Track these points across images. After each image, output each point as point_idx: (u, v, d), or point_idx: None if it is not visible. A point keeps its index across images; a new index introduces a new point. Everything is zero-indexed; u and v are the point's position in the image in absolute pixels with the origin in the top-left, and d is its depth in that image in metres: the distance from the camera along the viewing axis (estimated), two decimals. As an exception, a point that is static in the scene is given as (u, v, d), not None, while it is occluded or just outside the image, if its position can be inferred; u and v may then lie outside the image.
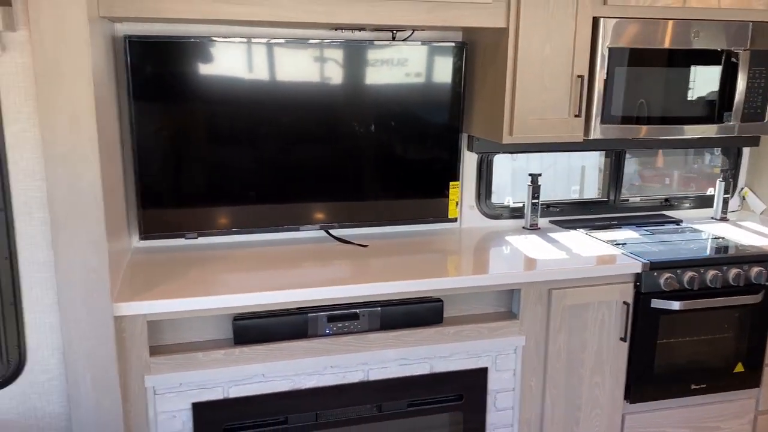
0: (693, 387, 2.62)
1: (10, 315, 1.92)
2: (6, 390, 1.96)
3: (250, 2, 2.11)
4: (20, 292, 1.92)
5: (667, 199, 3.21)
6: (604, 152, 3.11)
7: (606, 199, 3.13)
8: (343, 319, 2.22)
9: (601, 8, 2.43)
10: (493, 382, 2.42)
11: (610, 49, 2.45)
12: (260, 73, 2.43)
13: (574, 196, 3.22)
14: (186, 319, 2.16)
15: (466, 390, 2.40)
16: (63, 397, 2.01)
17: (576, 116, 2.48)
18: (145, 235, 2.45)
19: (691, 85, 2.58)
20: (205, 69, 2.38)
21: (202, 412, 2.14)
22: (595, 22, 2.43)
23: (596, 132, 2.52)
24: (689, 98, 2.58)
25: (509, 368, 2.43)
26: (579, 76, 2.45)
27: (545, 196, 2.99)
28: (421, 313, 2.31)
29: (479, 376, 2.40)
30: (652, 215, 3.14)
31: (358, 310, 2.23)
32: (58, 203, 1.83)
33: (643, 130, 2.55)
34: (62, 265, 1.86)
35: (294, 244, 2.64)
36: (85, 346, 1.92)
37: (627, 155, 3.10)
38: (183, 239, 2.54)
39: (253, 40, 2.40)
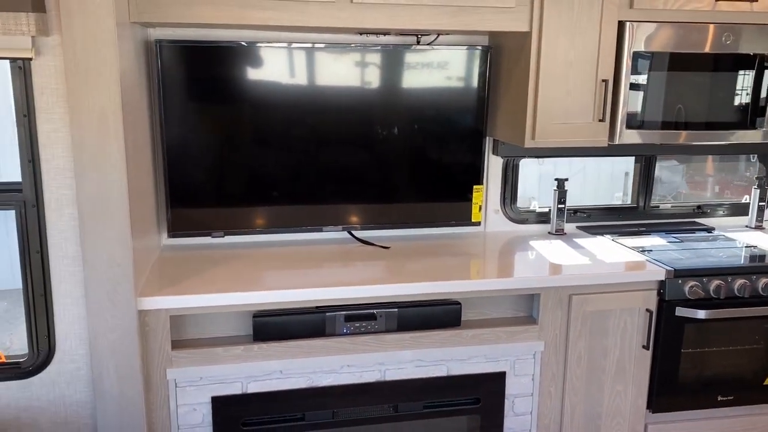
0: (720, 398, 2.56)
1: (40, 306, 2.01)
2: (36, 378, 2.06)
3: (274, 8, 2.17)
4: (50, 284, 2.01)
5: (699, 206, 3.14)
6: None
7: (636, 206, 3.08)
8: (361, 319, 2.25)
9: (627, 12, 2.40)
10: (511, 387, 2.42)
11: (636, 54, 2.42)
12: (287, 76, 2.49)
13: (617, 202, 3.18)
14: (208, 315, 2.22)
15: (484, 393, 2.40)
16: (89, 385, 2.10)
17: (600, 121, 2.46)
18: (173, 232, 2.54)
19: (721, 90, 2.52)
20: (232, 72, 2.45)
21: (221, 406, 2.20)
22: (621, 26, 2.41)
23: (622, 137, 2.49)
24: (720, 103, 2.53)
25: (528, 373, 2.42)
26: (603, 81, 2.43)
27: (575, 201, 2.97)
28: (438, 316, 2.32)
29: (497, 380, 2.40)
30: (684, 222, 3.08)
31: (375, 311, 2.26)
32: (86, 200, 1.91)
33: (671, 136, 2.51)
34: (89, 259, 1.94)
35: (317, 244, 2.69)
36: (110, 338, 2.00)
37: (675, 162, 3.04)
38: (210, 237, 2.61)
39: (277, 44, 2.46)
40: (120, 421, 2.06)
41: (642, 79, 2.45)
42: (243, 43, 2.43)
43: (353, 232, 2.75)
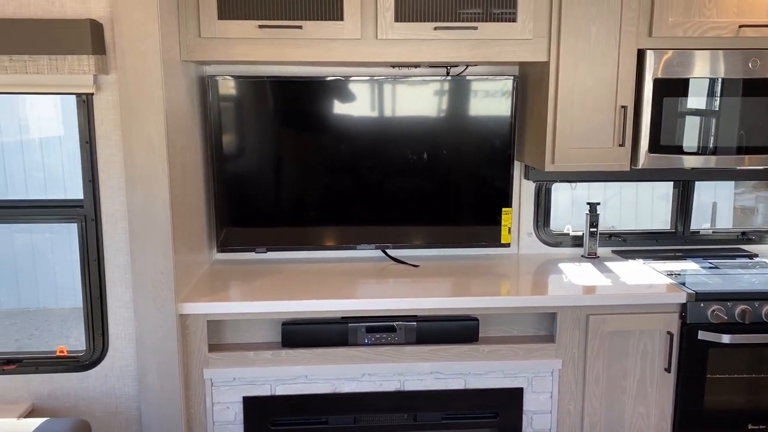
0: (751, 427, 2.52)
1: (96, 308, 2.31)
2: (92, 371, 2.35)
3: (306, 45, 2.41)
4: (105, 289, 2.30)
5: (744, 233, 3.09)
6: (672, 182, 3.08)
7: (674, 231, 3.08)
8: (381, 330, 2.41)
9: (646, 40, 2.47)
10: (529, 403, 2.49)
11: (657, 80, 2.48)
12: (327, 107, 2.72)
13: (657, 227, 3.17)
14: (243, 321, 2.45)
15: (502, 408, 2.48)
16: (136, 380, 2.36)
17: (620, 146, 2.53)
18: (221, 248, 2.80)
19: (753, 115, 2.53)
20: (276, 104, 2.71)
21: (252, 406, 2.41)
22: (641, 53, 2.48)
23: (644, 162, 2.54)
24: (746, 128, 2.53)
25: (546, 390, 2.48)
26: (623, 107, 2.50)
27: (610, 225, 3.01)
28: (456, 331, 2.44)
29: (515, 395, 2.48)
30: (726, 249, 3.04)
31: (395, 323, 2.41)
32: (135, 215, 2.20)
33: (694, 160, 2.54)
34: (137, 267, 2.22)
35: (352, 261, 2.88)
36: (153, 338, 2.26)
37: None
38: (253, 253, 2.86)
39: (316, 78, 2.70)
40: (161, 414, 2.31)
41: (665, 104, 2.50)
42: (281, 77, 2.69)
43: (387, 250, 2.91)
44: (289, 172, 2.78)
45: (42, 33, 2.05)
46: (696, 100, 2.51)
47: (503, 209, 2.85)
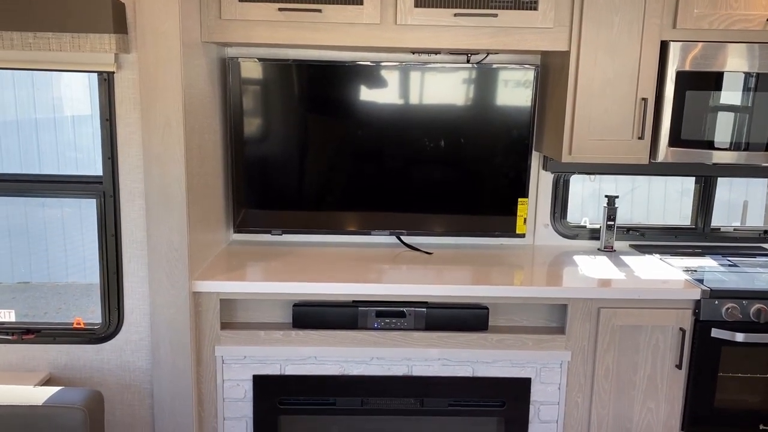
0: (762, 428, 2.48)
1: (113, 283, 2.36)
2: (107, 344, 2.41)
3: (324, 29, 2.41)
4: (122, 264, 2.35)
5: (767, 231, 3.03)
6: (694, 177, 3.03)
7: (694, 227, 3.03)
8: (391, 315, 2.42)
9: (670, 32, 2.43)
10: (536, 394, 2.49)
11: (680, 73, 2.44)
12: (343, 92, 2.73)
13: (679, 223, 3.12)
14: (255, 301, 2.48)
15: (509, 397, 2.49)
16: (150, 355, 2.42)
17: (639, 138, 2.49)
18: (238, 228, 2.84)
19: (776, 111, 2.47)
20: (297, 87, 2.72)
21: (261, 384, 2.45)
22: (664, 45, 2.44)
23: (664, 155, 2.50)
24: (771, 124, 2.48)
25: (554, 382, 2.48)
26: (643, 99, 2.46)
27: (629, 219, 2.97)
28: (466, 319, 2.44)
29: (522, 385, 2.48)
30: (748, 247, 2.99)
31: (405, 309, 2.42)
32: (152, 192, 2.24)
33: (715, 155, 2.49)
34: (152, 244, 2.27)
35: (366, 247, 2.89)
36: (167, 313, 2.31)
37: None
38: (270, 235, 2.89)
39: (337, 62, 2.71)
40: (172, 388, 2.36)
41: (687, 98, 2.46)
42: (297, 60, 2.71)
43: (401, 237, 2.92)
44: (307, 155, 2.80)
45: (66, 11, 2.09)
46: (722, 94, 2.47)
47: (519, 199, 2.84)
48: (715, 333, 2.40)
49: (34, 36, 2.09)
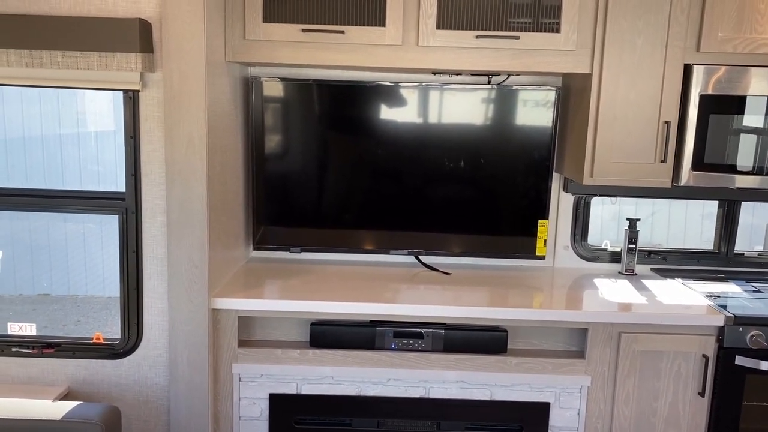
0: (789, 459, 2.42)
1: (133, 298, 2.37)
2: (126, 359, 2.42)
3: (348, 50, 2.43)
4: (142, 280, 2.37)
5: (792, 257, 2.98)
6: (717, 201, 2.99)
7: (717, 251, 2.99)
8: (408, 336, 2.41)
9: (694, 55, 2.42)
10: (555, 419, 2.45)
11: (703, 96, 2.42)
12: (364, 111, 2.74)
13: (701, 247, 3.09)
14: (273, 319, 2.49)
15: (527, 422, 2.45)
16: (167, 371, 2.42)
17: (662, 162, 2.47)
18: (257, 246, 2.85)
19: (802, 135, 2.45)
20: (319, 106, 2.74)
21: (277, 403, 2.44)
22: (687, 68, 2.43)
23: (687, 179, 2.48)
24: (797, 149, 2.45)
25: (573, 407, 2.44)
26: (666, 122, 2.45)
27: (648, 241, 2.94)
28: (484, 341, 2.42)
29: (541, 410, 2.44)
30: (773, 272, 2.94)
31: (422, 330, 2.41)
32: (173, 209, 2.26)
33: (739, 179, 2.46)
34: (172, 260, 2.28)
35: (384, 266, 2.89)
36: (185, 330, 2.31)
37: None
38: (288, 253, 2.90)
39: (347, 79, 2.73)
40: (189, 405, 2.36)
41: (711, 121, 2.44)
42: (317, 80, 2.73)
43: (419, 256, 2.92)
44: (327, 174, 2.81)
45: (94, 31, 2.13)
46: (747, 118, 2.44)
47: (540, 221, 2.82)
48: (740, 361, 2.35)
49: (62, 55, 2.13)
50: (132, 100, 2.26)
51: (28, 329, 2.48)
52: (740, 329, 2.34)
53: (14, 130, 5.66)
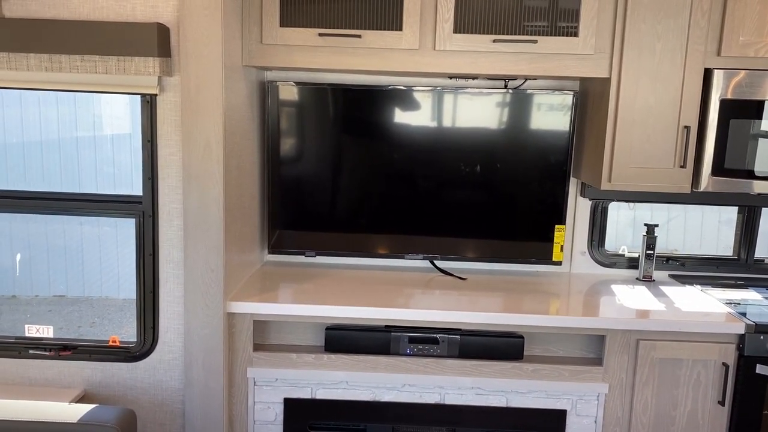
0: (810, 470, 2.38)
1: (149, 302, 2.38)
2: (141, 363, 2.42)
3: (364, 54, 2.43)
4: (158, 283, 2.37)
5: (813, 264, 2.94)
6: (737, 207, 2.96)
7: (736, 258, 2.95)
8: (424, 342, 2.40)
9: (714, 59, 2.39)
10: (572, 426, 2.43)
11: (723, 101, 2.39)
12: (379, 115, 2.73)
13: (719, 253, 3.05)
14: (288, 323, 2.48)
15: (543, 429, 2.43)
16: (183, 374, 2.42)
17: (681, 167, 2.44)
18: (272, 250, 2.85)
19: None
20: (335, 111, 2.74)
21: (292, 407, 2.44)
22: (707, 73, 2.40)
23: (706, 185, 2.45)
24: (819, 154, 2.41)
25: (590, 414, 2.42)
26: (686, 127, 2.42)
27: (665, 247, 2.91)
28: (500, 347, 2.40)
29: (557, 417, 2.42)
30: (794, 280, 2.90)
31: (438, 335, 2.40)
32: (190, 213, 2.26)
33: (759, 185, 2.43)
34: (189, 264, 2.28)
35: (399, 270, 2.88)
36: (201, 333, 2.32)
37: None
38: (303, 257, 2.90)
39: (362, 83, 2.72)
40: (204, 409, 2.36)
41: (732, 126, 2.41)
42: (333, 84, 2.73)
43: (435, 261, 2.90)
44: (342, 178, 2.81)
45: (113, 35, 2.14)
46: (765, 123, 2.41)
47: (557, 226, 2.80)
48: (760, 369, 2.32)
49: (81, 59, 2.14)
50: (149, 103, 2.27)
51: (46, 332, 2.50)
52: (761, 337, 2.31)
53: (32, 134, 5.72)
